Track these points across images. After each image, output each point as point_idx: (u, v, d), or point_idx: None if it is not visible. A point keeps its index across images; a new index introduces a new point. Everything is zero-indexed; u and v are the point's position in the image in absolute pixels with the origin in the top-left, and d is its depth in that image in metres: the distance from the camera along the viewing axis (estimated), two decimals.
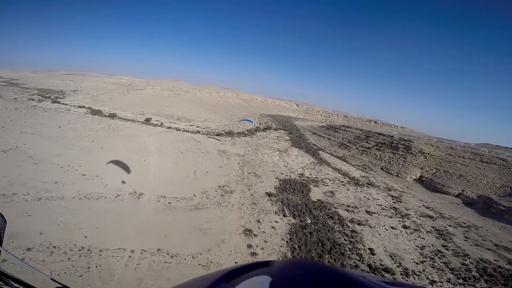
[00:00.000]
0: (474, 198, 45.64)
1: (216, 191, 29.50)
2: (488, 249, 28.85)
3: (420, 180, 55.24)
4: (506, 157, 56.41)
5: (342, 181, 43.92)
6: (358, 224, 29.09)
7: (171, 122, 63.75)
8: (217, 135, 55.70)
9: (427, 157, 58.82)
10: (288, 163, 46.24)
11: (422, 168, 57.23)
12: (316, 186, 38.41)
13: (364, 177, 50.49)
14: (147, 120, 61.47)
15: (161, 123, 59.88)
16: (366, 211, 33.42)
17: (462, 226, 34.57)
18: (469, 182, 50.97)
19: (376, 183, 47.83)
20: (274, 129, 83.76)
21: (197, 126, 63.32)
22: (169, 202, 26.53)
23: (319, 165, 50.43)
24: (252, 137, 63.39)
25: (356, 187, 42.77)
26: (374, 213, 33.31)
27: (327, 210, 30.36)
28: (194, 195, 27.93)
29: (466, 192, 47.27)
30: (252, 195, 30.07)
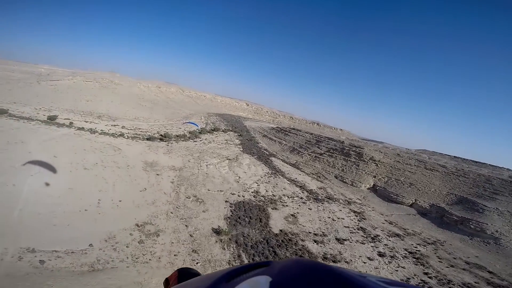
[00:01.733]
0: (427, 207, 45.12)
1: (131, 234, 18.96)
2: (463, 269, 26.98)
3: (374, 189, 53.65)
4: (444, 164, 59.33)
5: (301, 197, 37.76)
6: (334, 262, 22.57)
7: (87, 121, 48.61)
8: (147, 139, 43.53)
9: (378, 165, 57.98)
10: (240, 177, 37.74)
11: (374, 176, 55.91)
12: (275, 208, 30.98)
13: (321, 188, 45.76)
14: (51, 118, 45.15)
15: (71, 123, 44.56)
16: (336, 238, 27.46)
17: (429, 243, 32.42)
18: (419, 190, 51.23)
19: (335, 196, 43.56)
20: (223, 131, 74.49)
21: (123, 127, 49.49)
22: (41, 260, 15.38)
23: (274, 177, 43.49)
24: (195, 141, 52.86)
25: (317, 203, 37.22)
26: (345, 240, 27.62)
27: (294, 247, 22.92)
28: (90, 245, 17.07)
29: (419, 202, 46.81)
30: (191, 236, 20.35)
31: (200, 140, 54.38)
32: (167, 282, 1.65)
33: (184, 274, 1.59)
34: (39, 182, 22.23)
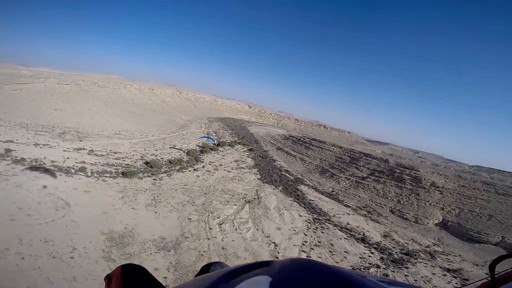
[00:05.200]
0: None
1: None
2: None
3: (444, 225, 39.27)
4: None
5: (377, 266, 22.94)
6: None
7: (38, 145, 33.10)
8: (122, 173, 27.95)
9: (444, 192, 43.20)
10: (276, 243, 22.36)
11: (442, 208, 41.18)
12: None
13: (386, 236, 31.16)
14: None
15: (7, 150, 28.96)
16: None
17: None
18: (502, 223, 37.85)
19: (409, 246, 29.37)
20: (229, 145, 59.26)
21: (90, 152, 33.89)
22: None
23: (322, 228, 28.45)
24: (195, 169, 37.39)
25: (400, 270, 23.04)
26: None
27: None
28: None
29: (508, 239, 34.16)
30: None
31: (203, 166, 38.86)
32: (109, 278, 1.44)
33: (128, 270, 1.42)
34: None
